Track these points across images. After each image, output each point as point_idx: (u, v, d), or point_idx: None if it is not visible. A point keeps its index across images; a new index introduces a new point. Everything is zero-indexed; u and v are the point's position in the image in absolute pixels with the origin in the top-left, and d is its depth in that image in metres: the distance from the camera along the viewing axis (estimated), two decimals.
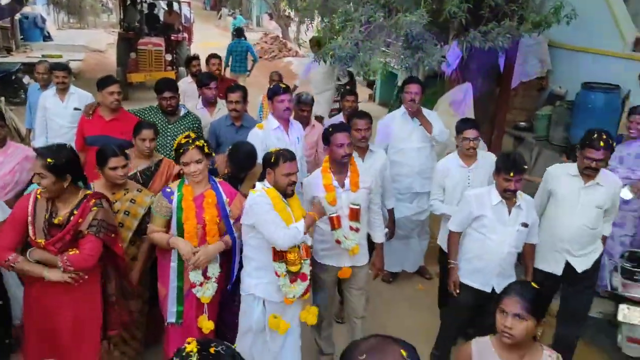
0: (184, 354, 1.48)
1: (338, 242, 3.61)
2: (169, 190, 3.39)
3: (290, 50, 17.58)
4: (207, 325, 3.41)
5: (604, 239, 3.85)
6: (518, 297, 2.35)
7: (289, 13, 17.93)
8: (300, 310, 3.47)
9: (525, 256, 3.79)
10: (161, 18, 14.38)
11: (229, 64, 10.79)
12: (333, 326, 4.12)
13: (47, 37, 18.49)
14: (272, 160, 3.27)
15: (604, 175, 3.63)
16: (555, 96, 6.96)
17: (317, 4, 6.35)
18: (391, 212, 4.51)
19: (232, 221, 3.41)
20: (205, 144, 3.36)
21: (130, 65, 12.02)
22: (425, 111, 4.99)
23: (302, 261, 3.30)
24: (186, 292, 3.44)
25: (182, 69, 12.04)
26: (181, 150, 3.27)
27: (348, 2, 5.72)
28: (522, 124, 7.22)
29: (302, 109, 5.22)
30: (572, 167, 3.69)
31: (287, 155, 3.29)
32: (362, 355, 1.36)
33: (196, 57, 7.12)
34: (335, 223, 3.57)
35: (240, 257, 3.50)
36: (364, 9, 5.41)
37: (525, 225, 3.59)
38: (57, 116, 5.32)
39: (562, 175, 3.73)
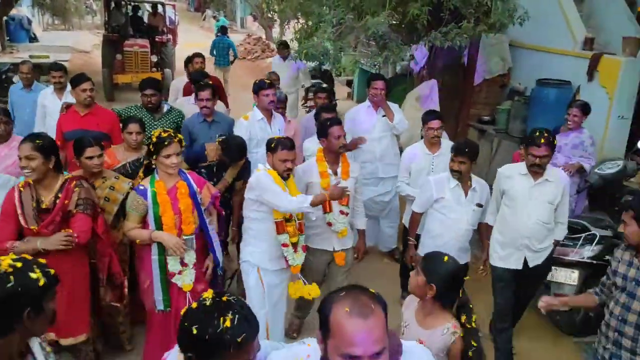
0: (201, 299, 1.72)
1: (329, 224, 3.97)
2: (142, 187, 3.52)
3: (272, 51, 18.03)
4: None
5: (556, 243, 3.98)
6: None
7: (272, 15, 18.37)
8: (289, 282, 3.84)
9: (481, 234, 4.28)
10: (145, 20, 14.50)
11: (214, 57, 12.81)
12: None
13: (33, 39, 18.71)
14: (272, 146, 3.63)
15: (551, 172, 3.82)
16: (516, 92, 7.51)
17: (292, 7, 6.84)
18: (362, 232, 4.40)
19: (202, 208, 3.61)
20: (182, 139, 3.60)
21: (116, 67, 12.15)
22: (388, 103, 5.48)
23: (298, 235, 3.73)
24: (169, 283, 3.57)
25: (167, 70, 12.42)
26: (165, 143, 3.41)
27: (321, 5, 6.20)
28: (486, 117, 7.76)
29: (277, 106, 5.54)
30: (522, 167, 3.85)
31: (285, 144, 3.62)
32: (341, 292, 1.58)
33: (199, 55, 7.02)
34: (327, 207, 3.92)
35: (221, 240, 3.90)
36: (335, 12, 5.92)
37: (479, 205, 4.08)
38: (55, 113, 5.47)
39: (513, 175, 3.88)
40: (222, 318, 1.66)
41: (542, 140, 3.63)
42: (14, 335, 1.82)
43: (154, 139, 3.48)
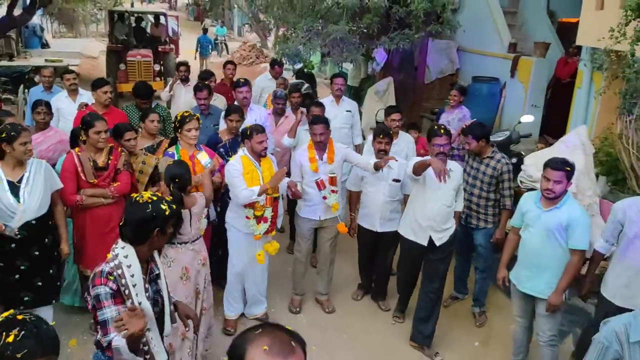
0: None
1: (325, 198, 4.67)
2: (170, 152, 4.42)
3: (266, 57, 19.58)
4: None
5: (458, 215, 4.46)
6: None
7: (268, 23, 19.92)
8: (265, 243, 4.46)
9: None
10: (148, 31, 14.85)
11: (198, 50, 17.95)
12: (307, 270, 5.14)
13: (44, 45, 20.29)
14: (248, 133, 4.28)
15: (451, 164, 4.28)
16: (463, 89, 9.01)
17: (274, 16, 8.42)
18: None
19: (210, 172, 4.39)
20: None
21: (119, 76, 12.33)
22: (345, 98, 6.51)
23: (264, 208, 4.36)
24: None
25: (170, 78, 13.11)
26: (187, 120, 4.33)
27: (295, 15, 7.77)
28: (436, 109, 9.24)
29: (277, 102, 5.97)
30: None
31: (258, 129, 4.32)
32: (257, 330, 1.41)
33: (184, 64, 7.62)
34: (320, 185, 4.64)
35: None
36: (306, 21, 7.50)
37: (396, 180, 4.70)
38: (70, 115, 5.82)
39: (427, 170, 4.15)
40: (5, 333, 1.69)
41: (442, 131, 4.12)
42: (144, 246, 2.51)
43: (179, 117, 4.41)
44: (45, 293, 3.89)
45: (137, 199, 2.54)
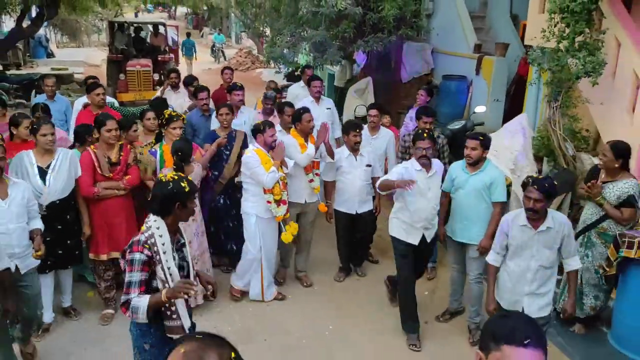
0: None
1: (311, 180, 5.31)
2: (153, 150, 5.09)
3: (261, 62, 20.49)
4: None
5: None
6: None
7: (263, 31, 20.86)
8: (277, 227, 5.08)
9: (374, 185, 5.22)
10: (148, 41, 15.41)
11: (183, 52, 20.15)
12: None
13: (50, 55, 21.25)
14: (262, 128, 4.94)
15: (435, 166, 4.55)
16: (434, 86, 9.87)
17: (262, 24, 9.31)
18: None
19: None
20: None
21: (120, 86, 12.68)
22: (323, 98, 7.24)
23: (281, 192, 4.96)
24: None
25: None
26: (174, 119, 5.02)
27: (280, 22, 8.65)
28: None
29: (267, 102, 6.53)
30: (415, 163, 4.45)
31: (270, 124, 5.00)
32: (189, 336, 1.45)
33: (175, 71, 8.28)
34: (309, 169, 5.33)
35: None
36: (290, 27, 8.37)
37: (369, 165, 5.42)
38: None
39: (411, 171, 4.44)
40: None
41: (425, 135, 4.37)
42: (170, 218, 2.87)
43: (166, 116, 5.10)
44: (64, 259, 4.69)
45: (162, 178, 2.96)
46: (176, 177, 2.92)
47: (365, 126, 6.06)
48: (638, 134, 5.27)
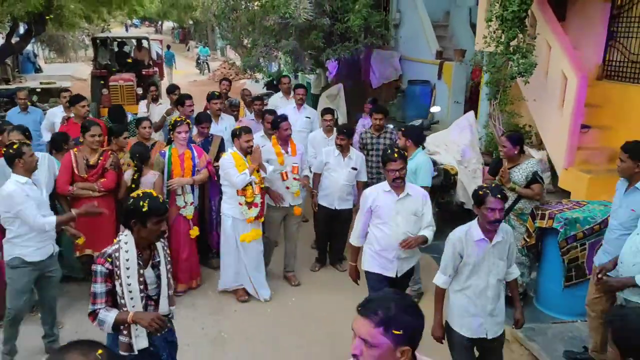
0: None
1: (287, 188, 5.53)
2: (163, 151, 5.43)
3: (245, 74, 21.17)
4: (194, 232, 5.48)
5: (422, 240, 4.08)
6: None
7: (247, 44, 21.55)
8: (257, 228, 5.26)
9: (358, 188, 5.68)
10: (132, 55, 15.20)
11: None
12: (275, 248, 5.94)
13: (38, 70, 21.82)
14: (237, 133, 5.13)
15: (410, 188, 4.12)
16: (402, 91, 10.58)
17: (237, 36, 9.98)
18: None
19: (197, 169, 5.44)
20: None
21: (103, 101, 12.56)
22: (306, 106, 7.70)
23: (254, 195, 5.16)
24: (175, 215, 5.35)
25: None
26: (179, 124, 5.36)
27: (256, 33, 9.32)
28: None
29: (232, 109, 7.45)
30: (385, 184, 4.09)
31: (246, 130, 5.15)
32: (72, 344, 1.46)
33: (154, 84, 8.67)
34: (284, 176, 5.52)
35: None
36: (264, 38, 9.04)
37: (354, 168, 5.69)
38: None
39: (378, 193, 4.09)
40: None
41: (396, 155, 3.93)
42: (135, 234, 2.86)
43: (172, 122, 5.48)
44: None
45: (132, 194, 2.99)
46: (140, 195, 2.91)
47: (320, 130, 6.53)
48: (567, 127, 5.97)
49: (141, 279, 2.88)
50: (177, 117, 5.72)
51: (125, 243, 2.86)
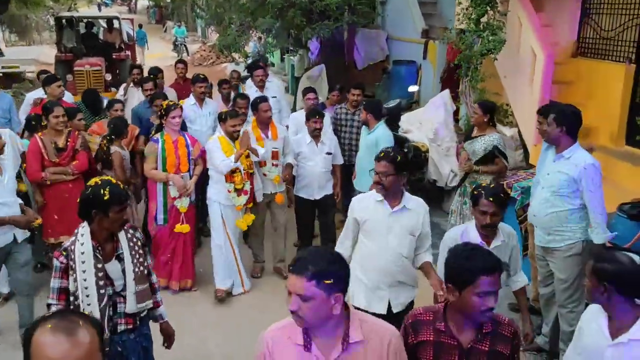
0: None
1: (265, 174, 5.87)
2: (155, 138, 5.63)
3: (227, 57, 22.08)
4: (183, 228, 5.63)
5: (427, 266, 3.73)
6: None
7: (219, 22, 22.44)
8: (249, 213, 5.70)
9: (334, 172, 6.29)
10: (101, 37, 15.62)
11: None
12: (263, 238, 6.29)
13: None
14: (223, 117, 5.56)
15: (410, 200, 3.70)
16: (389, 72, 11.50)
17: (214, 15, 10.90)
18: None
19: (192, 158, 5.71)
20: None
21: (68, 88, 12.17)
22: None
23: (243, 182, 5.53)
24: (169, 206, 5.62)
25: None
26: (172, 108, 5.57)
27: (230, 12, 10.22)
28: (368, 93, 11.64)
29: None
30: (375, 195, 3.68)
31: (232, 114, 5.53)
32: (50, 314, 1.67)
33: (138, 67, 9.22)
34: (261, 163, 5.86)
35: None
36: (239, 15, 9.96)
37: (329, 153, 6.11)
38: None
39: (367, 204, 3.73)
40: None
41: (382, 154, 3.60)
42: (94, 226, 2.99)
43: (164, 106, 5.63)
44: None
45: (89, 182, 3.06)
46: (99, 182, 3.02)
47: (295, 113, 7.11)
48: (536, 104, 6.86)
49: (100, 274, 2.97)
50: (170, 101, 5.96)
51: (82, 235, 2.98)
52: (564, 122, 4.25)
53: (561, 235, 4.29)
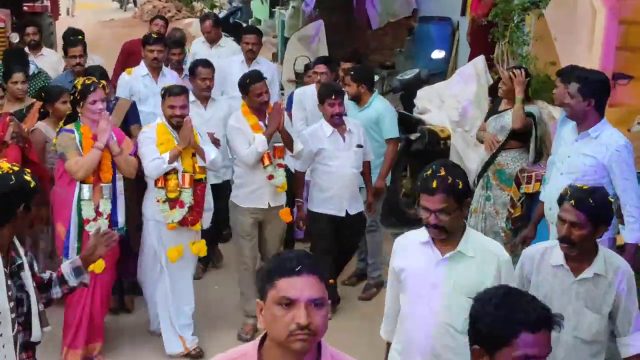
0: None
1: (270, 177, 5.90)
2: (70, 129, 5.56)
3: (193, 10, 22.79)
4: (96, 266, 4.62)
5: None
6: None
7: None
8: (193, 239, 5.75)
9: (364, 175, 6.51)
10: None
11: None
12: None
13: None
14: (162, 94, 5.67)
15: (473, 241, 3.58)
16: (414, 33, 12.34)
17: None
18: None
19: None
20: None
21: None
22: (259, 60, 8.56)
23: (180, 189, 5.53)
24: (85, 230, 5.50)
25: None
26: (92, 89, 5.45)
27: None
28: (388, 63, 12.48)
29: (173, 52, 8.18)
30: (422, 232, 3.63)
31: (173, 90, 5.66)
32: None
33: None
34: (265, 160, 5.82)
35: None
36: None
37: (359, 146, 6.22)
38: None
39: (407, 244, 3.75)
40: None
41: (435, 184, 3.40)
42: (5, 229, 3.21)
43: (79, 87, 5.52)
44: None
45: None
46: (16, 168, 3.33)
47: (312, 86, 7.41)
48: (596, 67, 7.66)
49: (10, 293, 3.20)
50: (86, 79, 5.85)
51: None
52: (592, 94, 4.78)
53: None
